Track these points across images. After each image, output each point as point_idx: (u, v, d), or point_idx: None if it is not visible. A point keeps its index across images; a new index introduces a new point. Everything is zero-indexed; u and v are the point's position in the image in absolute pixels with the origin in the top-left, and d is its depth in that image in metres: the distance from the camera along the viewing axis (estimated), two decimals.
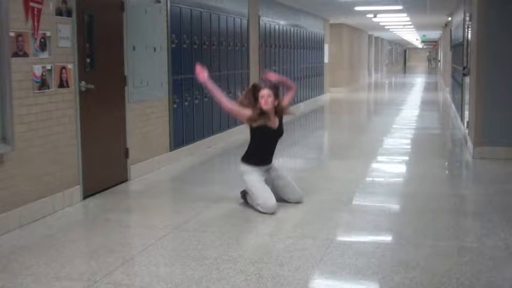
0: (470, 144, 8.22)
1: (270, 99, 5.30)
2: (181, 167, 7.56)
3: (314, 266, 3.93)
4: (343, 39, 22.02)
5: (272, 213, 5.10)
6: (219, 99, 5.38)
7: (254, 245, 4.37)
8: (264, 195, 5.18)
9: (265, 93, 5.30)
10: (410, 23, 21.80)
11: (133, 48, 6.71)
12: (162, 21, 7.42)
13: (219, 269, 3.88)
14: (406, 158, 8.47)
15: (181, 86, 8.04)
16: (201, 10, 8.67)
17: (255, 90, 5.36)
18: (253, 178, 5.31)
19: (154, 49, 7.22)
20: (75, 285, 3.65)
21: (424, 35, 34.70)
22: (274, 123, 5.42)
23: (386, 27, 24.66)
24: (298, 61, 15.02)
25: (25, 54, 4.89)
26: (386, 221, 5.05)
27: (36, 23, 5.00)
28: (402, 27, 25.00)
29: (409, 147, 9.44)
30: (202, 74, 5.36)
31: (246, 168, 5.39)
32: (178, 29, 7.92)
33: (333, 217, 5.13)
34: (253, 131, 5.43)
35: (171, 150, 7.72)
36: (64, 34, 5.40)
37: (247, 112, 5.33)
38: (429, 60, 57.40)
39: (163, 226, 4.88)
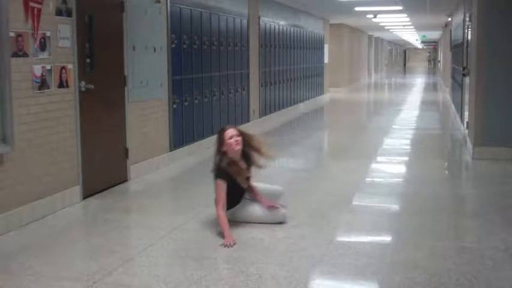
0: (469, 144, 8.22)
1: (239, 138, 4.75)
2: (181, 167, 7.56)
3: (314, 266, 3.93)
4: (343, 40, 22.03)
5: (282, 222, 4.86)
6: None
7: (254, 245, 4.37)
8: (263, 215, 4.86)
9: (233, 133, 4.75)
10: (410, 23, 21.80)
11: (133, 48, 6.71)
12: (162, 21, 7.43)
13: (219, 269, 3.88)
14: (406, 158, 8.47)
15: (181, 86, 8.04)
16: (201, 10, 8.67)
17: (221, 133, 4.80)
18: (244, 214, 4.87)
19: (154, 49, 7.22)
20: (75, 285, 3.64)
21: (424, 36, 34.70)
22: (244, 172, 4.83)
23: (386, 27, 24.66)
24: (298, 61, 15.02)
25: (25, 54, 4.89)
26: (386, 221, 5.06)
27: (36, 23, 5.00)
28: (402, 27, 25.01)
29: (408, 147, 9.43)
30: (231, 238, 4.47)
31: (228, 214, 4.74)
32: (178, 29, 7.92)
33: (332, 217, 5.12)
34: None
35: (170, 150, 7.72)
36: (64, 34, 5.40)
37: (224, 188, 4.69)
38: (429, 61, 57.45)
39: (163, 226, 4.88)
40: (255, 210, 4.90)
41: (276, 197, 5.20)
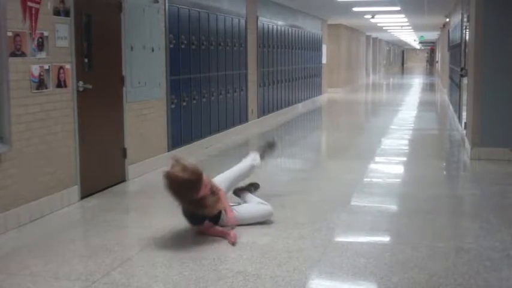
0: (467, 145, 8.22)
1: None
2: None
3: (312, 267, 3.93)
4: (341, 40, 22.04)
5: (269, 219, 4.90)
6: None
7: (252, 246, 4.36)
8: (250, 216, 4.84)
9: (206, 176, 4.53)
10: (408, 24, 21.82)
11: (131, 48, 6.70)
12: (160, 21, 7.42)
13: (217, 269, 3.88)
14: (404, 158, 8.48)
15: (179, 86, 8.03)
16: (199, 10, 8.67)
17: (196, 181, 4.39)
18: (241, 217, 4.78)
19: (152, 49, 7.21)
20: (73, 285, 3.64)
21: (422, 36, 34.74)
22: (219, 201, 4.61)
23: (384, 28, 24.68)
24: (296, 61, 15.03)
25: (23, 54, 4.88)
26: (384, 222, 5.05)
27: (34, 23, 4.99)
28: (400, 28, 25.03)
29: (407, 148, 9.44)
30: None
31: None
32: (177, 29, 7.92)
33: (331, 218, 5.12)
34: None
35: (169, 150, 7.71)
36: (62, 34, 5.39)
37: (212, 225, 4.60)
38: (427, 61, 57.58)
39: (161, 226, 4.87)
40: (242, 214, 4.80)
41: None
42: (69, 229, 4.98)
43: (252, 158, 5.45)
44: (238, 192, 5.29)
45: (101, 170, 6.11)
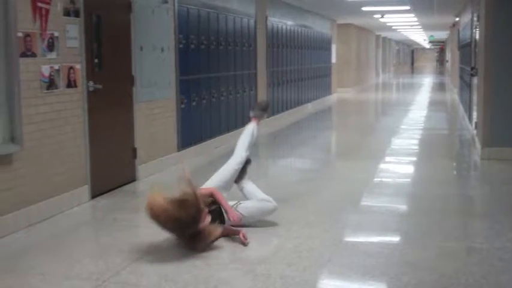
0: (478, 145, 8.18)
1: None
2: (189, 167, 7.55)
3: (322, 266, 3.92)
4: (351, 40, 21.99)
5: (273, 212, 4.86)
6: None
7: (262, 245, 4.37)
8: (254, 213, 4.78)
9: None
10: (417, 23, 21.74)
11: (141, 48, 6.72)
12: (169, 21, 7.44)
13: (227, 269, 3.88)
14: (414, 158, 8.44)
15: (189, 86, 8.05)
16: (209, 10, 8.68)
17: (198, 216, 4.19)
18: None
19: (162, 49, 7.23)
20: (84, 284, 3.65)
21: (431, 35, 34.61)
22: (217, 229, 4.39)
23: (393, 27, 24.61)
24: (305, 61, 15.02)
25: (33, 55, 4.91)
26: (395, 222, 5.04)
27: (44, 23, 5.02)
28: (410, 27, 24.95)
29: (417, 147, 9.41)
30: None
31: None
32: (186, 29, 7.93)
33: (341, 217, 5.11)
34: None
35: (178, 150, 7.73)
36: (72, 34, 5.42)
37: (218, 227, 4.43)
38: (437, 61, 57.40)
39: None
40: (242, 214, 4.70)
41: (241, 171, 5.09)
42: (79, 228, 5.01)
43: (250, 130, 5.27)
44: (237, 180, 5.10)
45: (111, 169, 6.13)
